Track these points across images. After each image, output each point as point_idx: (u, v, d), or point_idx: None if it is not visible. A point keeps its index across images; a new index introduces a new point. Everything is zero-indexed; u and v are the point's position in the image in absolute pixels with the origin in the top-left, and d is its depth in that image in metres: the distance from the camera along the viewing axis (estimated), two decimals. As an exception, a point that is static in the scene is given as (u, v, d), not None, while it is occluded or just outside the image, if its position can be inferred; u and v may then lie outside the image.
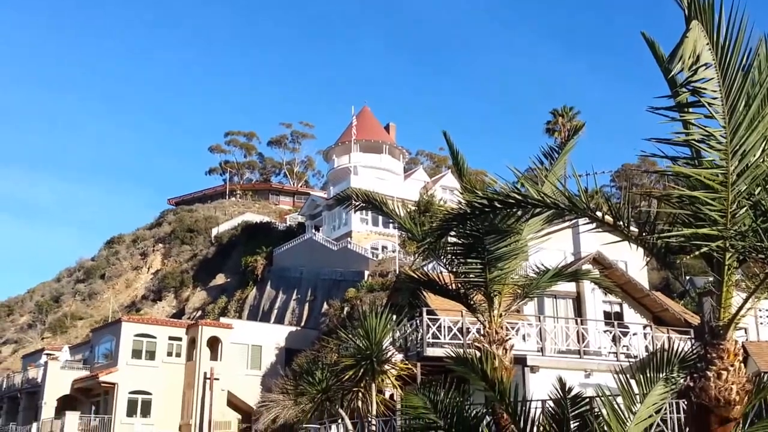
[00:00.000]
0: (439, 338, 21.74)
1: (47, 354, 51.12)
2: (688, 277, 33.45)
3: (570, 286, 24.17)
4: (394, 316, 8.52)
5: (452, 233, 7.55)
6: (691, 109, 4.95)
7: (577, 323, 23.82)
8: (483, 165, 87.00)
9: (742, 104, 4.79)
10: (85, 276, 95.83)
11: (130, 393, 42.30)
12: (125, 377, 42.27)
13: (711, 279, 5.13)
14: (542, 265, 8.57)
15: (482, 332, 7.75)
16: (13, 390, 51.46)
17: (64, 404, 44.49)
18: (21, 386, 50.08)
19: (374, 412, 8.06)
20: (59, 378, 45.86)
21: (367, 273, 49.06)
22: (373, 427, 8.11)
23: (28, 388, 48.78)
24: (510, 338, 7.89)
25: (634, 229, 5.46)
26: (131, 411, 42.05)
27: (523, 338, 22.61)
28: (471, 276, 7.91)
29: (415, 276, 8.79)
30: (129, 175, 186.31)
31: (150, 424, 41.10)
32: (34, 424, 45.19)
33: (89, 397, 45.30)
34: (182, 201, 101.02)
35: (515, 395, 5.81)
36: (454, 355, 6.47)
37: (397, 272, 38.96)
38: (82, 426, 40.81)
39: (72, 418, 41.54)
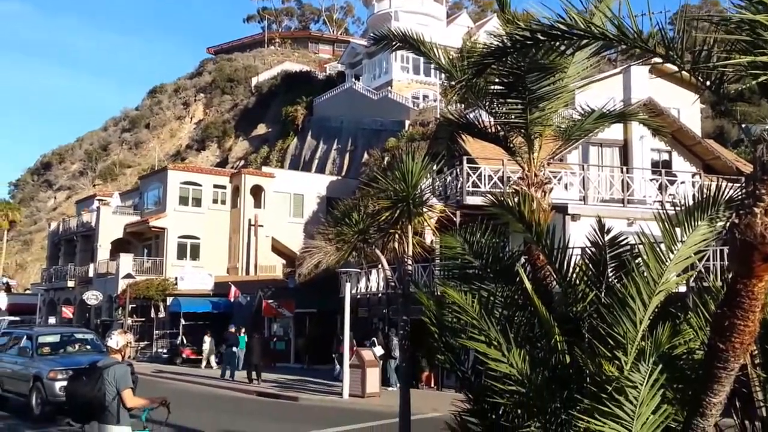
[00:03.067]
0: (479, 187, 21.69)
1: (99, 200, 53.05)
2: (743, 125, 32.23)
3: (617, 134, 23.53)
4: (434, 165, 8.30)
5: (493, 73, 7.17)
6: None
7: (622, 171, 23.34)
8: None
9: None
10: (130, 125, 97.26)
11: (179, 237, 44.06)
12: (173, 222, 43.85)
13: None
14: (588, 106, 8.16)
15: (521, 175, 7.54)
16: (69, 233, 54.04)
17: (118, 247, 46.71)
18: (76, 230, 52.50)
19: (411, 254, 8.06)
20: (111, 222, 47.86)
21: (407, 123, 48.59)
22: (410, 268, 8.14)
23: (83, 231, 51.12)
24: (549, 182, 7.67)
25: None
26: (181, 254, 44.01)
27: (565, 187, 22.35)
28: (511, 117, 7.58)
29: (454, 118, 8.47)
30: (168, 24, 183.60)
31: (200, 266, 43.06)
32: (91, 265, 47.82)
33: (141, 240, 47.37)
34: (221, 50, 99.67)
35: (552, 237, 5.67)
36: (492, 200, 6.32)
37: (438, 121, 38.49)
38: (135, 267, 43.01)
39: (126, 259, 43.74)
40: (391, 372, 23.10)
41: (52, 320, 53.77)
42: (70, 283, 50.44)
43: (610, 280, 5.30)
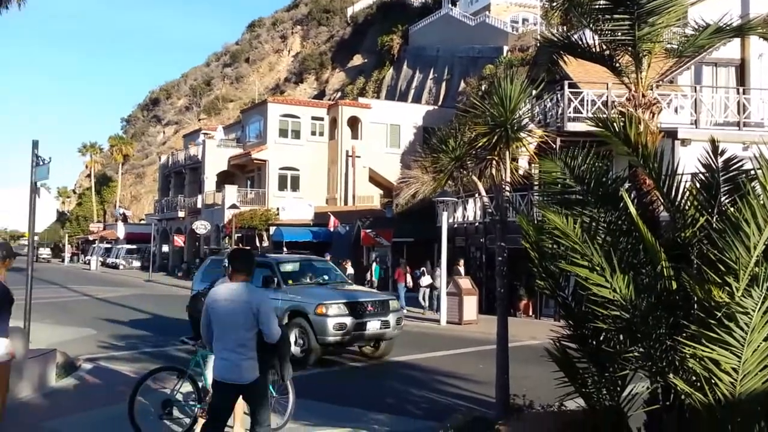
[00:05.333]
0: (581, 112, 20.91)
1: (204, 133, 55.00)
2: None
3: (733, 52, 21.92)
4: (533, 89, 8.00)
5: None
6: None
7: (738, 93, 21.83)
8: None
9: None
10: (231, 60, 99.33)
11: (280, 169, 45.22)
12: (274, 154, 44.96)
13: None
14: (703, 21, 7.58)
15: (628, 96, 7.16)
16: (178, 166, 56.53)
17: (223, 178, 48.59)
18: (184, 163, 54.84)
19: (509, 181, 7.90)
20: (216, 155, 49.64)
21: (506, 48, 47.14)
22: (508, 195, 8.00)
23: (191, 164, 53.33)
24: (658, 103, 7.25)
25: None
26: (282, 185, 45.25)
27: (675, 111, 21.17)
28: (617, 34, 7.15)
29: (556, 39, 8.10)
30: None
31: (300, 197, 44.20)
32: (199, 196, 50.01)
33: (244, 172, 48.95)
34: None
35: (660, 161, 5.41)
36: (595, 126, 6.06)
37: (538, 45, 37.13)
38: (240, 197, 44.64)
39: (231, 190, 45.45)
40: (431, 300, 24.79)
41: (165, 248, 57.03)
42: (181, 214, 53.05)
43: (722, 204, 5.03)
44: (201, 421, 7.84)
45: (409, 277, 26.00)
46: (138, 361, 13.43)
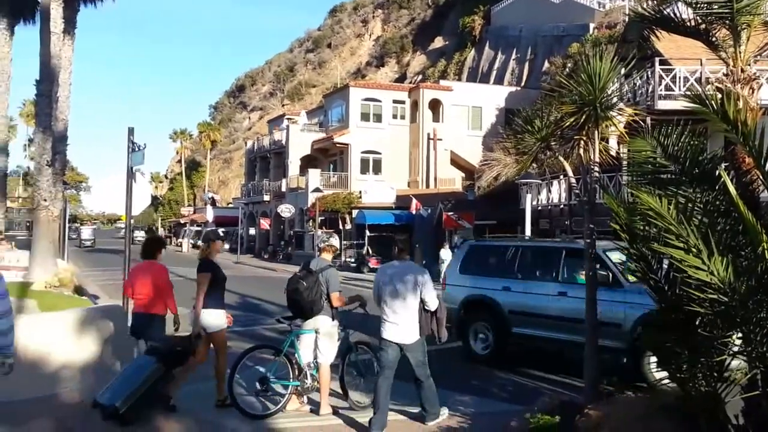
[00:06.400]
0: (672, 90, 20.12)
1: (288, 119, 56.06)
2: None
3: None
4: (623, 67, 7.74)
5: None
6: None
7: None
8: None
9: None
10: (313, 46, 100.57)
11: (362, 152, 45.60)
12: (356, 138, 45.37)
13: None
14: (809, -11, 7.14)
15: (725, 71, 6.84)
16: (263, 151, 57.86)
17: (306, 163, 49.45)
18: (269, 147, 56.09)
19: (597, 161, 7.70)
20: (300, 139, 50.52)
21: (592, 26, 45.74)
22: (596, 175, 7.82)
23: (275, 149, 54.48)
24: (757, 78, 6.90)
25: None
26: (364, 168, 45.64)
27: (775, 87, 20.06)
28: (714, 7, 6.84)
29: (647, 13, 7.81)
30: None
31: (381, 180, 44.47)
32: (283, 180, 51.08)
33: (327, 156, 49.63)
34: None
35: (761, 139, 5.16)
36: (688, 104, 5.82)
37: (627, 21, 35.83)
38: (322, 181, 45.33)
39: (314, 174, 46.22)
40: None
41: (251, 231, 58.61)
42: (266, 197, 54.36)
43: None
44: (295, 399, 8.09)
45: None
46: (229, 340, 13.86)
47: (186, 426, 7.38)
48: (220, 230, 65.32)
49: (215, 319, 7.97)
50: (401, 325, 7.20)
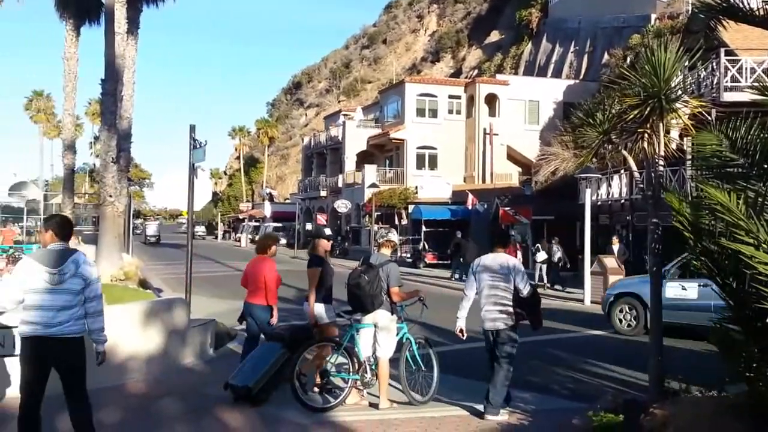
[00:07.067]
0: (739, 81, 19.46)
1: (344, 115, 56.41)
2: None
3: None
4: (687, 58, 7.52)
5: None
6: None
7: None
8: None
9: None
10: (369, 42, 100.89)
11: (418, 148, 45.57)
12: (412, 134, 45.35)
13: None
14: None
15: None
16: (320, 147, 58.41)
17: (362, 158, 49.67)
18: (326, 143, 56.60)
19: (662, 154, 7.51)
20: (356, 135, 50.81)
21: (653, 16, 44.55)
22: (661, 169, 7.63)
23: (332, 145, 54.94)
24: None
25: None
26: (420, 164, 45.60)
27: None
28: (787, -6, 6.59)
29: (713, 2, 7.56)
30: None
31: (437, 176, 44.35)
32: (339, 176, 51.47)
33: (383, 152, 49.76)
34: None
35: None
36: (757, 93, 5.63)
37: (690, 11, 34.85)
38: (379, 177, 45.47)
39: (370, 169, 46.40)
40: (546, 275, 25.57)
41: (308, 226, 59.27)
42: (323, 193, 54.87)
43: None
44: (355, 392, 8.16)
45: (519, 255, 26.06)
46: (288, 333, 14.09)
47: (248, 417, 7.52)
48: (273, 226, 66.46)
49: (324, 311, 8.46)
50: (494, 313, 7.59)
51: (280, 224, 66.80)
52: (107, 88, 18.10)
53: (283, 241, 64.13)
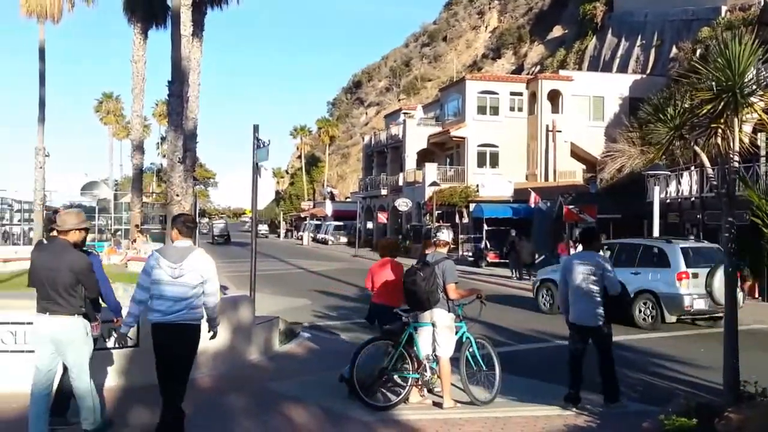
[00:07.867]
0: (819, 73, 18.58)
1: (404, 113, 56.44)
2: None
3: None
4: (762, 52, 7.23)
5: None
6: None
7: None
8: None
9: None
10: (429, 40, 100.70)
11: (479, 146, 45.21)
12: (473, 132, 45.01)
13: None
14: None
15: None
16: (380, 146, 58.60)
17: (423, 157, 49.59)
18: (386, 142, 56.73)
19: (737, 150, 7.23)
20: (416, 134, 50.77)
21: (724, 8, 42.99)
22: (736, 165, 7.36)
23: (392, 143, 55.04)
24: None
25: None
26: (481, 162, 45.22)
27: None
28: None
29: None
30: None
31: (499, 174, 43.90)
32: (400, 174, 51.51)
33: (443, 150, 49.57)
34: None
35: None
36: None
37: (763, 3, 33.52)
38: (439, 175, 45.31)
39: (431, 168, 46.29)
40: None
41: (369, 225, 59.55)
42: (383, 192, 55.03)
43: None
44: (415, 391, 8.14)
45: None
46: (350, 331, 14.22)
47: (313, 414, 7.59)
48: (339, 222, 66.93)
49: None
50: (587, 309, 7.90)
51: (341, 223, 67.35)
52: (173, 89, 18.53)
53: (344, 239, 64.76)
